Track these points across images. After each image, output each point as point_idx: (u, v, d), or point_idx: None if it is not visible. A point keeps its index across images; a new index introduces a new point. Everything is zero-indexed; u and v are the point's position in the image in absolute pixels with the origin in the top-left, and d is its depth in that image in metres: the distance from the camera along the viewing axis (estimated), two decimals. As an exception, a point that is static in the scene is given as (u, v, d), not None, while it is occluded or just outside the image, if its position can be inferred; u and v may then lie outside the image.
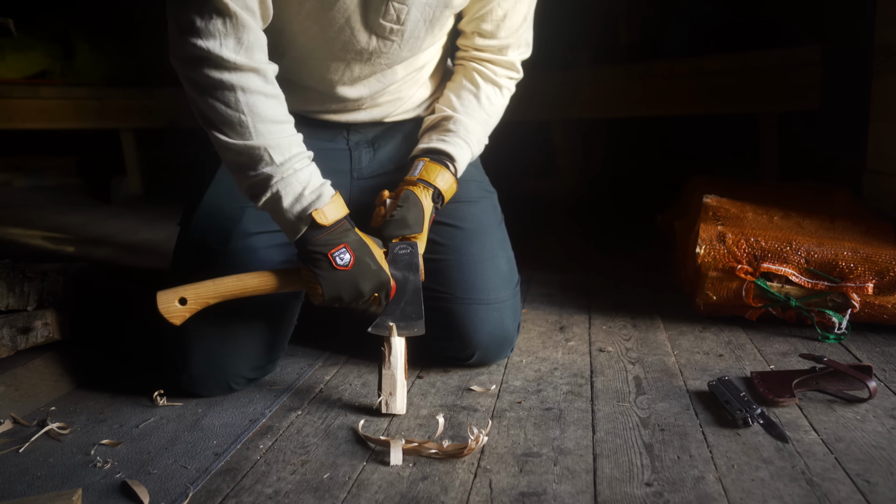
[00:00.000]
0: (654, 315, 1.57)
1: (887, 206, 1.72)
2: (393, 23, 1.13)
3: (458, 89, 1.29)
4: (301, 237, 1.03)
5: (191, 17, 0.95)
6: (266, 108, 1.00)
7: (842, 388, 1.12)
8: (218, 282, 1.04)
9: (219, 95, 0.98)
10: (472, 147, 1.25)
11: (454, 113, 1.26)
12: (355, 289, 1.04)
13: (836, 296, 1.40)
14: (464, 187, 1.27)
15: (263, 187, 1.01)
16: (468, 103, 1.28)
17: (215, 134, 1.00)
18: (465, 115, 1.26)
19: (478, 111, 1.28)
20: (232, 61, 0.97)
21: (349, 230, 1.05)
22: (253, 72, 0.99)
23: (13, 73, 3.64)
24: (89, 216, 3.23)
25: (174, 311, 1.03)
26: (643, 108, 3.03)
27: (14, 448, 1.00)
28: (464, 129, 1.24)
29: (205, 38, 0.96)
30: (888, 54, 1.73)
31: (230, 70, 0.97)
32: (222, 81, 0.97)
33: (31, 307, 1.25)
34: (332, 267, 1.02)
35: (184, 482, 0.90)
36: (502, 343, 1.26)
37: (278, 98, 1.03)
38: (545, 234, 2.63)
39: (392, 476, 0.90)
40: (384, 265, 1.07)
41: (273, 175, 1.00)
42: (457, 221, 1.27)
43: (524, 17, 1.27)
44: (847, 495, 0.83)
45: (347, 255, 1.02)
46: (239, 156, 1.01)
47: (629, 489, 0.85)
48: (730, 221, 1.52)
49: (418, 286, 1.11)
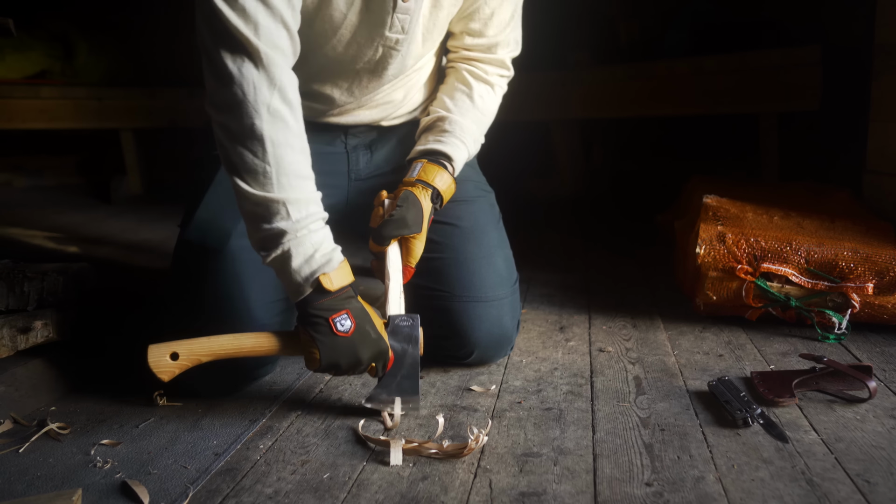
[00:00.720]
0: (654, 315, 1.57)
1: (887, 206, 1.72)
2: (398, 33, 1.14)
3: (451, 90, 1.30)
4: (304, 299, 1.01)
5: (223, 62, 0.96)
6: (291, 161, 1.00)
7: (842, 388, 1.12)
8: (213, 339, 1.02)
9: (248, 145, 0.97)
10: (468, 146, 1.25)
11: (448, 113, 1.26)
12: (354, 356, 1.02)
13: (836, 296, 1.40)
14: (461, 186, 1.27)
15: (275, 242, 1.00)
16: (461, 103, 1.28)
17: (237, 181, 1.00)
18: (459, 114, 1.26)
19: (472, 110, 1.28)
20: (264, 105, 0.96)
21: (352, 297, 1.04)
22: (282, 121, 0.98)
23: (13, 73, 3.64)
24: (89, 216, 3.23)
25: (164, 367, 1.00)
26: (642, 108, 3.03)
27: (14, 448, 1.00)
28: (459, 128, 1.24)
29: (238, 82, 0.96)
30: (888, 54, 1.73)
31: (262, 118, 0.97)
32: (253, 130, 0.97)
33: (31, 307, 1.25)
34: (332, 332, 1.01)
35: (184, 482, 0.90)
36: (501, 341, 1.26)
37: (304, 152, 1.03)
38: (545, 233, 2.63)
39: (392, 476, 0.90)
40: (384, 335, 1.06)
41: (287, 231, 0.99)
42: (454, 220, 1.27)
43: (511, 15, 1.28)
44: (847, 495, 0.83)
45: (348, 321, 1.01)
46: (256, 206, 1.00)
47: (629, 489, 0.85)
48: (730, 221, 1.52)
49: (416, 360, 1.08)
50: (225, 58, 0.95)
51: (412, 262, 1.16)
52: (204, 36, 0.97)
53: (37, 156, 4.14)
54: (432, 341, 1.25)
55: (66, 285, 1.28)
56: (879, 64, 1.77)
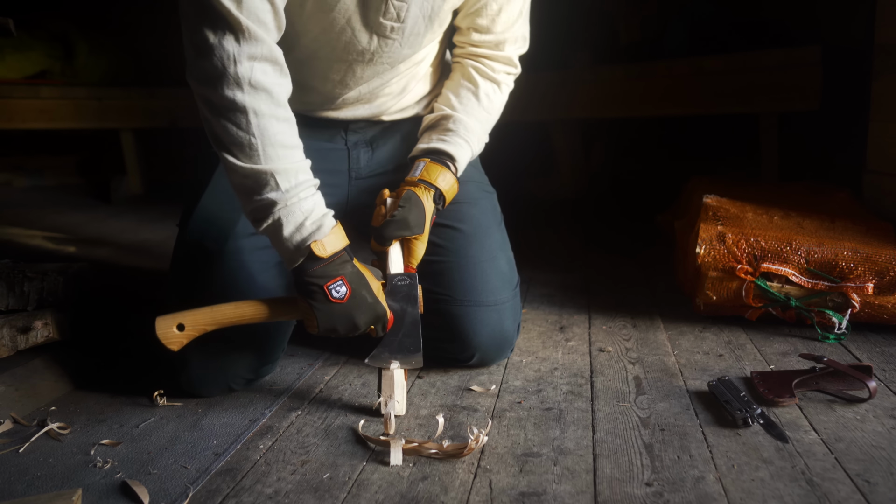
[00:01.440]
0: (654, 315, 1.57)
1: (887, 206, 1.72)
2: (393, 21, 1.13)
3: (457, 87, 1.29)
4: (298, 267, 1.02)
5: (204, 34, 0.95)
6: (276, 131, 1.00)
7: (842, 388, 1.12)
8: (215, 309, 1.03)
9: (231, 117, 0.97)
10: (472, 146, 1.25)
11: (453, 112, 1.26)
12: (350, 321, 1.03)
13: (836, 296, 1.40)
14: (463, 187, 1.27)
15: (266, 213, 1.01)
16: (467, 101, 1.27)
17: (225, 155, 1.00)
18: (464, 113, 1.26)
19: (477, 109, 1.27)
20: (245, 79, 0.96)
21: (347, 262, 1.04)
22: (265, 93, 0.98)
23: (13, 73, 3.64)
24: (89, 216, 3.23)
25: (172, 337, 1.02)
26: (643, 108, 3.03)
27: (14, 448, 1.00)
28: (463, 127, 1.24)
29: (218, 55, 0.95)
30: (888, 54, 1.73)
31: (243, 90, 0.97)
32: (234, 102, 0.97)
33: (31, 307, 1.25)
34: (328, 299, 1.01)
35: (184, 482, 0.90)
36: (502, 344, 1.26)
37: (289, 122, 1.03)
38: (545, 233, 2.63)
39: (392, 476, 0.90)
40: (381, 298, 1.06)
41: (277, 201, 1.00)
42: (456, 223, 1.27)
43: (520, 11, 1.26)
44: (847, 495, 0.83)
45: (343, 287, 1.01)
46: (245, 179, 1.00)
47: (629, 489, 0.85)
48: (730, 221, 1.52)
49: (417, 318, 1.09)
50: (206, 30, 0.95)
51: (414, 262, 1.15)
52: (185, 7, 0.97)
53: (37, 156, 4.14)
54: (434, 343, 1.26)
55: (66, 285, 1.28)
56: (879, 64, 1.77)
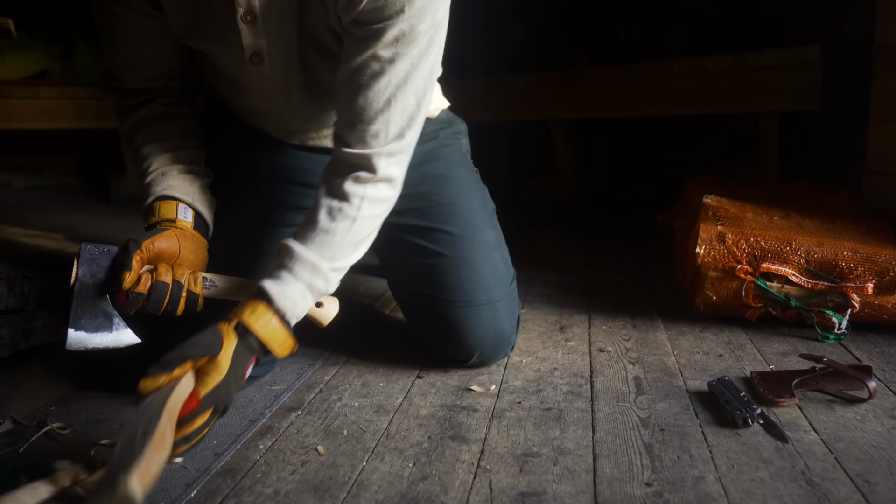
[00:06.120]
0: (654, 315, 1.57)
1: (887, 206, 1.72)
2: (268, 90, 1.14)
3: (311, 206, 1.06)
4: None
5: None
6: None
7: (842, 388, 1.12)
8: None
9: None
10: (302, 280, 0.99)
11: (289, 242, 1.01)
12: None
13: (836, 296, 1.40)
14: (449, 186, 1.25)
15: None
16: (307, 226, 1.03)
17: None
18: (301, 240, 1.01)
19: (315, 233, 1.01)
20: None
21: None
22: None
23: (13, 73, 3.63)
24: (89, 216, 3.23)
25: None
26: (643, 108, 3.03)
27: (14, 448, 1.00)
28: (291, 259, 0.99)
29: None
30: (888, 54, 1.73)
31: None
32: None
33: (31, 307, 1.24)
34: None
35: (184, 482, 0.90)
36: (500, 343, 1.25)
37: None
38: (545, 233, 2.63)
39: (392, 476, 0.90)
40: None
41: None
42: (445, 226, 1.25)
43: (388, 102, 0.99)
44: (847, 495, 0.83)
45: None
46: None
47: (629, 489, 0.85)
48: (730, 221, 1.52)
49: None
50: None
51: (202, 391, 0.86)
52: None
53: (37, 156, 4.14)
54: (432, 344, 1.26)
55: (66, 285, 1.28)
56: (879, 64, 1.77)
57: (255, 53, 1.07)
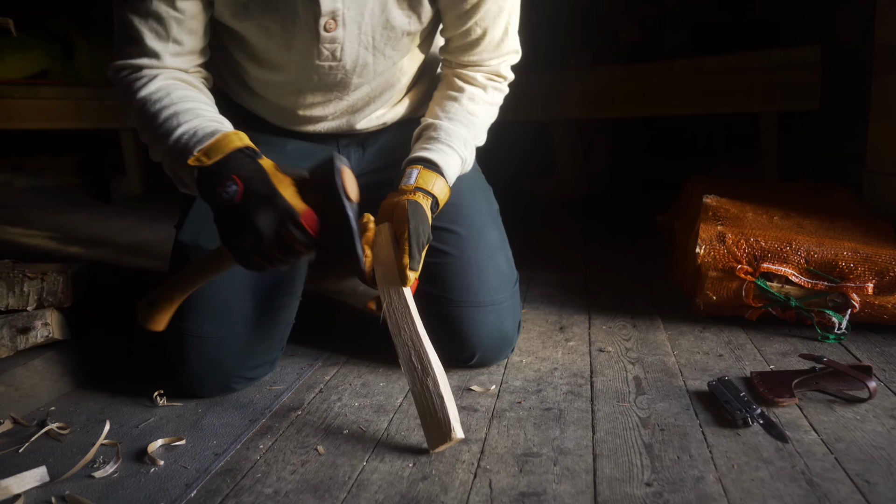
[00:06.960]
0: (654, 315, 1.57)
1: (887, 206, 1.72)
2: (329, 61, 1.15)
3: (441, 98, 1.28)
4: (201, 191, 0.91)
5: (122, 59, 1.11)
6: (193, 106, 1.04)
7: (842, 388, 1.12)
8: (175, 277, 1.00)
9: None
10: (457, 150, 1.21)
11: (436, 120, 1.24)
12: (249, 224, 0.85)
13: (836, 296, 1.40)
14: (456, 186, 1.26)
15: (171, 161, 1.00)
16: (450, 108, 1.24)
17: (144, 136, 1.05)
18: (447, 120, 1.23)
19: (461, 114, 1.24)
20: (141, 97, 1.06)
21: (244, 161, 0.90)
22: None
23: (13, 73, 3.64)
24: (89, 216, 3.23)
25: (150, 317, 1.00)
26: (643, 108, 3.03)
27: (14, 448, 1.00)
28: (445, 133, 1.21)
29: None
30: (888, 54, 1.73)
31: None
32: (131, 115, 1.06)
33: (31, 307, 1.25)
34: (220, 205, 0.87)
35: (184, 482, 0.90)
36: (502, 344, 1.26)
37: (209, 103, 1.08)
38: (545, 233, 2.63)
39: (392, 476, 0.90)
40: (287, 191, 0.88)
41: (177, 135, 0.98)
42: (451, 225, 1.26)
43: (504, 31, 1.22)
44: (847, 495, 0.83)
45: (234, 186, 0.86)
46: (165, 140, 1.00)
47: (629, 489, 0.85)
48: (730, 221, 1.52)
49: (340, 207, 0.88)
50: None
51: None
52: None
53: (37, 156, 4.14)
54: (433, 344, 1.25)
55: (66, 285, 1.28)
56: (879, 64, 1.77)
57: (331, 19, 1.09)
